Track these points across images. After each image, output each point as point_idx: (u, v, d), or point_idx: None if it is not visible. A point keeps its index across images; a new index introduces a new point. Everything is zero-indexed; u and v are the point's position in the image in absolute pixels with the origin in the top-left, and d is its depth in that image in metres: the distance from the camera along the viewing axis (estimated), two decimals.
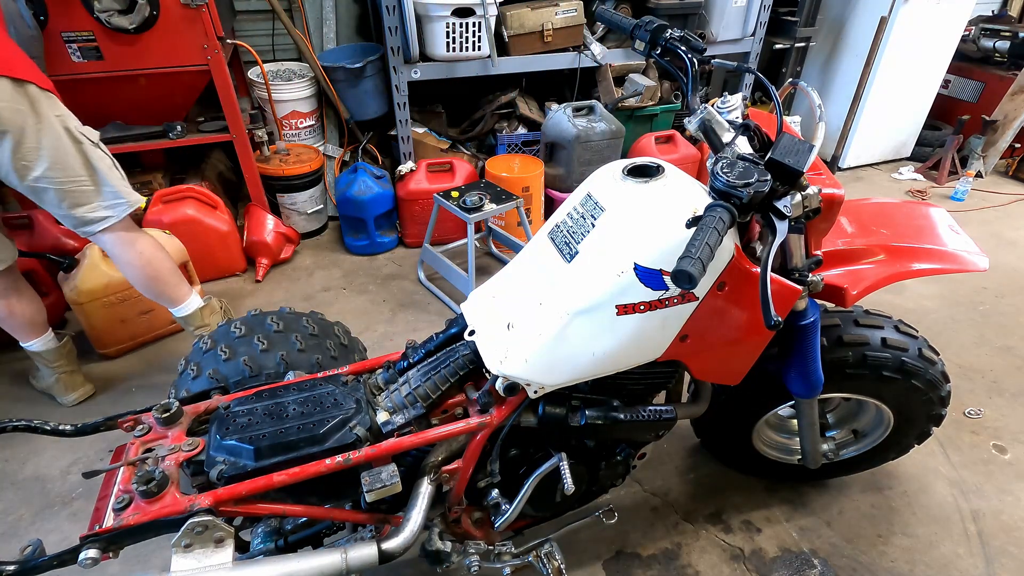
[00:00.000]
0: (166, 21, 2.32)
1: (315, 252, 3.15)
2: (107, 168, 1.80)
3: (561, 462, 1.21)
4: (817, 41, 3.92)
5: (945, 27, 3.75)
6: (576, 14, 3.08)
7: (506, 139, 3.43)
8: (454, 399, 1.24)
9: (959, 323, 2.62)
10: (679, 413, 1.35)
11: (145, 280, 1.95)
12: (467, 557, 1.32)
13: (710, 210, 0.89)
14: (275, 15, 3.11)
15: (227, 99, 2.60)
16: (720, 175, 0.95)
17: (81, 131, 1.74)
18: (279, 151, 3.03)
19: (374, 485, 1.09)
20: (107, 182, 1.79)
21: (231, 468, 1.06)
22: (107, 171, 1.79)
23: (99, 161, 1.78)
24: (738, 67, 1.20)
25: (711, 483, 1.89)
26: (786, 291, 1.13)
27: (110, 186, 1.80)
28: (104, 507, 1.03)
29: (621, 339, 1.08)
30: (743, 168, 0.95)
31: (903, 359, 1.43)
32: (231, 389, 1.31)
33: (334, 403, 1.17)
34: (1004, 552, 1.70)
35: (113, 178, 1.81)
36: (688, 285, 0.81)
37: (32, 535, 1.71)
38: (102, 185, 1.78)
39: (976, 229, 3.40)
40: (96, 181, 1.77)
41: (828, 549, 1.70)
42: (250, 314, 1.55)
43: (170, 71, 2.45)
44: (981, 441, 2.04)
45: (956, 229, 1.48)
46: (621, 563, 1.66)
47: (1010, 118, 3.85)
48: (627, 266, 1.03)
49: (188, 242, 2.55)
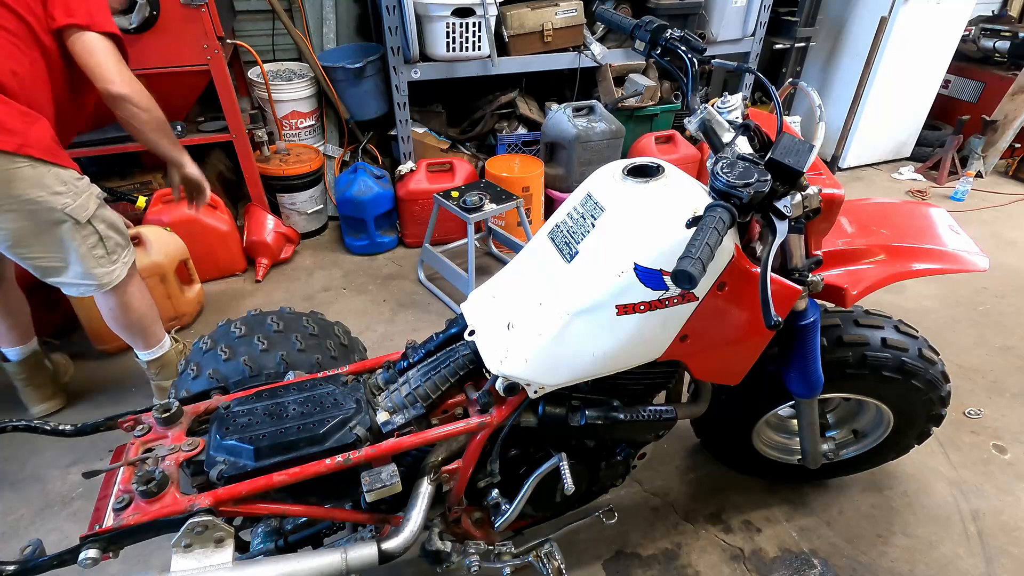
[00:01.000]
0: (166, 21, 2.32)
1: (315, 252, 3.15)
2: (87, 249, 1.65)
3: (561, 462, 1.21)
4: (817, 41, 3.92)
5: (945, 27, 3.75)
6: (576, 14, 3.09)
7: (506, 139, 3.43)
8: (454, 399, 1.24)
9: (959, 323, 2.62)
10: (679, 413, 1.35)
11: (118, 327, 1.89)
12: (467, 557, 1.32)
13: (710, 210, 0.89)
14: (275, 15, 3.11)
15: (227, 99, 2.60)
16: (720, 175, 0.95)
17: (71, 210, 1.58)
18: (279, 151, 3.03)
19: (374, 485, 1.09)
20: (78, 263, 1.66)
21: (231, 468, 1.06)
22: (85, 253, 1.65)
23: (81, 243, 1.63)
24: (738, 67, 1.20)
25: (711, 483, 1.89)
26: (786, 291, 1.12)
27: (80, 267, 1.66)
28: (104, 507, 1.03)
29: (621, 339, 1.08)
30: (743, 168, 0.95)
31: (903, 359, 1.43)
32: (231, 389, 1.31)
33: (334, 403, 1.16)
34: (1004, 552, 1.70)
35: (89, 260, 1.66)
36: (688, 285, 0.81)
37: (32, 535, 1.71)
38: (71, 266, 1.66)
39: (976, 229, 3.40)
40: (66, 260, 1.65)
41: (828, 549, 1.70)
42: (250, 314, 1.55)
43: (170, 71, 2.45)
44: (981, 441, 2.04)
45: (956, 229, 1.48)
46: (621, 563, 1.66)
47: (1010, 118, 3.85)
48: (627, 266, 1.03)
49: (188, 242, 2.56)
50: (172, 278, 2.41)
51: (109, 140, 2.57)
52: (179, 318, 2.53)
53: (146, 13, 2.27)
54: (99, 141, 2.57)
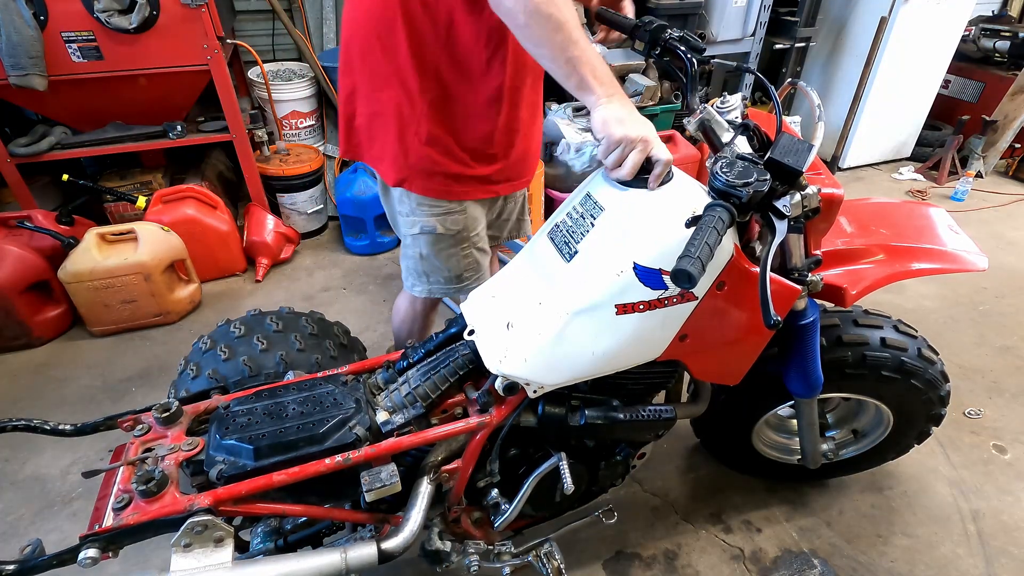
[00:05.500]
0: (166, 21, 2.33)
1: (315, 252, 3.15)
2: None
3: (560, 462, 1.21)
4: (817, 41, 3.92)
5: (945, 27, 3.74)
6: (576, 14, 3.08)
7: None
8: (454, 399, 1.24)
9: (959, 323, 2.62)
10: (679, 413, 1.35)
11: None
12: (467, 557, 1.32)
13: (709, 210, 0.89)
14: (275, 15, 3.11)
15: (227, 99, 2.60)
16: (719, 175, 0.95)
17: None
18: (279, 151, 3.03)
19: (374, 485, 1.09)
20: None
21: (231, 468, 1.06)
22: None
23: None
24: (738, 67, 1.20)
25: (711, 483, 1.89)
26: (785, 291, 1.12)
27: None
28: (104, 507, 1.03)
29: (620, 339, 1.08)
30: (742, 168, 0.95)
31: (902, 359, 1.43)
32: (231, 389, 1.31)
33: (334, 403, 1.16)
34: (1004, 552, 1.70)
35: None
36: (687, 284, 0.81)
37: (32, 535, 1.72)
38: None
39: (976, 229, 3.40)
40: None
41: (828, 549, 1.70)
42: (249, 314, 1.55)
43: (170, 71, 2.45)
44: (981, 441, 2.04)
45: (955, 229, 1.48)
46: (621, 563, 1.66)
47: (1010, 118, 3.85)
48: (626, 265, 1.03)
49: (188, 242, 2.57)
50: (158, 277, 2.44)
51: (109, 140, 2.58)
52: (163, 315, 2.55)
53: (146, 13, 2.27)
54: (99, 141, 2.57)
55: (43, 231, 2.41)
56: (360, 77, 1.34)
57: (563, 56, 1.04)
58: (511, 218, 1.73)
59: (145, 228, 2.44)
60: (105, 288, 2.38)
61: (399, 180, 1.40)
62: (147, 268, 2.40)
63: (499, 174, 1.46)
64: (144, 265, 2.39)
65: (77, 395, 2.21)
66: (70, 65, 2.31)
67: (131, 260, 2.37)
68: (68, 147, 2.53)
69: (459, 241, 1.50)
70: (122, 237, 2.42)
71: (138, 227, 2.42)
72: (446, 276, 1.56)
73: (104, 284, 2.37)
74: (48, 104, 2.49)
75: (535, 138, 1.54)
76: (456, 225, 1.46)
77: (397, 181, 1.41)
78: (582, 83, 1.06)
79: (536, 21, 1.02)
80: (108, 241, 2.42)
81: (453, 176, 1.39)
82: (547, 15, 1.01)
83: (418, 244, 1.51)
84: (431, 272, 1.56)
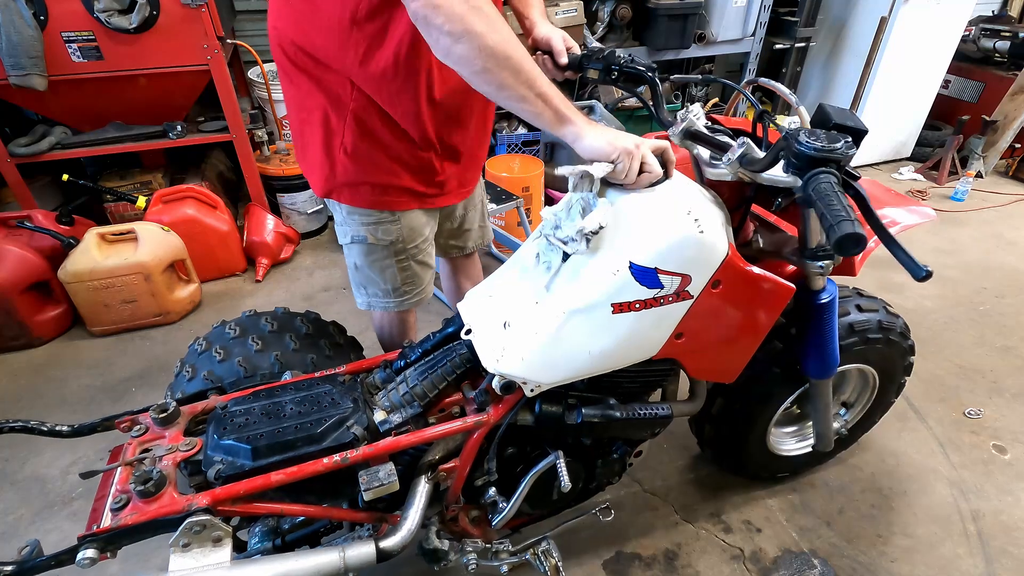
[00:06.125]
0: (166, 21, 2.33)
1: (315, 252, 3.15)
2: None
3: (558, 460, 1.21)
4: (817, 41, 3.92)
5: (945, 27, 3.74)
6: (576, 14, 3.09)
7: (506, 139, 3.43)
8: (451, 398, 1.24)
9: (959, 323, 2.62)
10: (675, 411, 1.35)
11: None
12: (464, 555, 1.32)
13: (814, 179, 0.90)
14: None
15: (227, 99, 2.60)
16: (807, 143, 0.94)
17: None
18: (279, 151, 3.03)
19: (371, 484, 1.09)
20: None
21: (229, 468, 1.06)
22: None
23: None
24: (719, 81, 1.25)
25: (711, 483, 1.89)
26: (780, 289, 1.13)
27: None
28: (102, 507, 1.03)
29: (617, 337, 1.08)
30: (825, 135, 0.95)
31: (879, 320, 1.54)
32: (227, 390, 1.31)
33: (331, 402, 1.17)
34: (1004, 552, 1.70)
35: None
36: (857, 248, 0.80)
37: (31, 535, 1.72)
38: None
39: (976, 229, 3.39)
40: None
41: (828, 549, 1.70)
42: (244, 315, 1.55)
43: (170, 71, 2.46)
44: (981, 441, 2.04)
45: (894, 190, 1.53)
46: (620, 563, 1.66)
47: (1010, 118, 3.84)
48: (622, 265, 1.03)
49: (188, 242, 2.58)
50: (158, 277, 2.44)
51: (109, 140, 2.58)
52: (163, 315, 2.55)
53: (146, 13, 2.27)
54: (99, 141, 2.58)
55: (43, 231, 2.42)
56: (296, 82, 1.28)
57: (532, 93, 0.99)
58: (472, 227, 1.69)
59: (145, 228, 2.44)
60: (105, 288, 2.38)
61: (327, 191, 1.35)
62: (147, 268, 2.41)
63: (432, 185, 1.39)
64: (144, 265, 2.40)
65: (77, 395, 2.22)
66: (70, 65, 2.31)
67: (131, 260, 2.38)
68: (68, 147, 2.54)
69: (394, 252, 1.43)
70: (122, 237, 2.43)
71: (138, 227, 2.43)
72: (383, 288, 1.51)
73: (104, 284, 2.37)
74: (48, 104, 2.49)
75: (476, 146, 1.45)
76: (388, 235, 1.40)
77: (325, 192, 1.35)
78: (558, 117, 1.02)
79: (495, 64, 0.97)
80: (108, 241, 2.43)
81: (381, 187, 1.33)
82: (505, 56, 0.96)
83: (351, 254, 1.47)
84: (367, 284, 1.51)
